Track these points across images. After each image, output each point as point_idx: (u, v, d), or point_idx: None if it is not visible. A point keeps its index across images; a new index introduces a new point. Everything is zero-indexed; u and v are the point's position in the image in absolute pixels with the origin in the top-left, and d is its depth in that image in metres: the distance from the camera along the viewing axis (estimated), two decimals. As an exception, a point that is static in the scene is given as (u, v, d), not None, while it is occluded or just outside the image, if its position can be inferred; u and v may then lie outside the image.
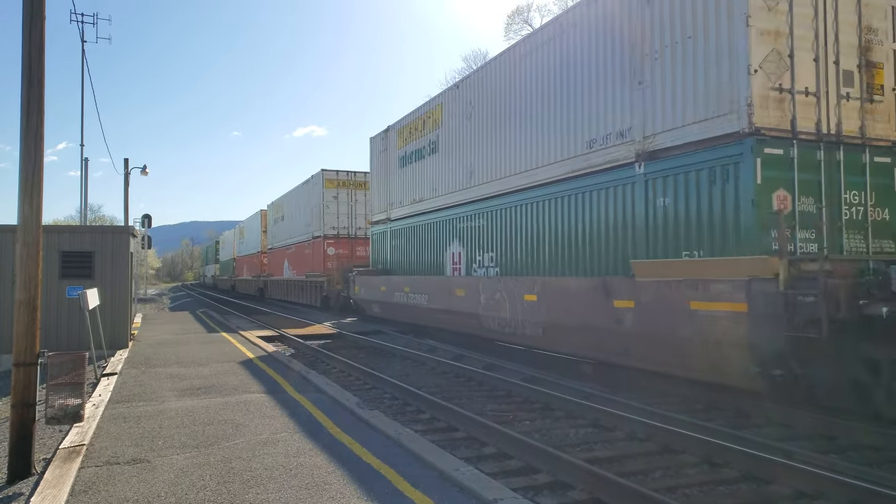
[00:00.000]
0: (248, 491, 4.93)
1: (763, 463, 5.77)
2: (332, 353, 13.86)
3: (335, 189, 27.63)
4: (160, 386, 9.45)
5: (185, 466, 5.55)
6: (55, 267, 13.14)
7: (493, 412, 8.49)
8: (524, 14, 47.73)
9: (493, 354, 13.35)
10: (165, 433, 6.70)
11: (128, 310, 14.39)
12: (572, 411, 8.29)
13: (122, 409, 7.92)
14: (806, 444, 6.76)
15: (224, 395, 8.71)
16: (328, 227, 27.31)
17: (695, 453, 6.37)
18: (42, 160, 5.80)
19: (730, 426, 7.35)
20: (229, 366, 11.39)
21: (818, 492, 5.27)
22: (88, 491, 4.98)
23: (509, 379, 10.30)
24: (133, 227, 21.97)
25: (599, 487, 5.32)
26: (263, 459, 5.72)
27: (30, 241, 5.68)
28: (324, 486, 5.02)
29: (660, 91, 9.06)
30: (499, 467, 6.11)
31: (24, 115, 5.74)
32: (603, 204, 10.29)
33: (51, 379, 6.29)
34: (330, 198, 27.53)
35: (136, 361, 12.01)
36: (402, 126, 19.19)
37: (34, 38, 5.76)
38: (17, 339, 5.62)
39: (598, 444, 6.98)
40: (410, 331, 17.87)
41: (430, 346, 15.14)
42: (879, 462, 6.22)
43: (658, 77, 9.10)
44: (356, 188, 27.91)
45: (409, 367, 12.74)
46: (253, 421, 7.17)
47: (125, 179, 28.50)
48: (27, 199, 5.69)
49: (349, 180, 27.92)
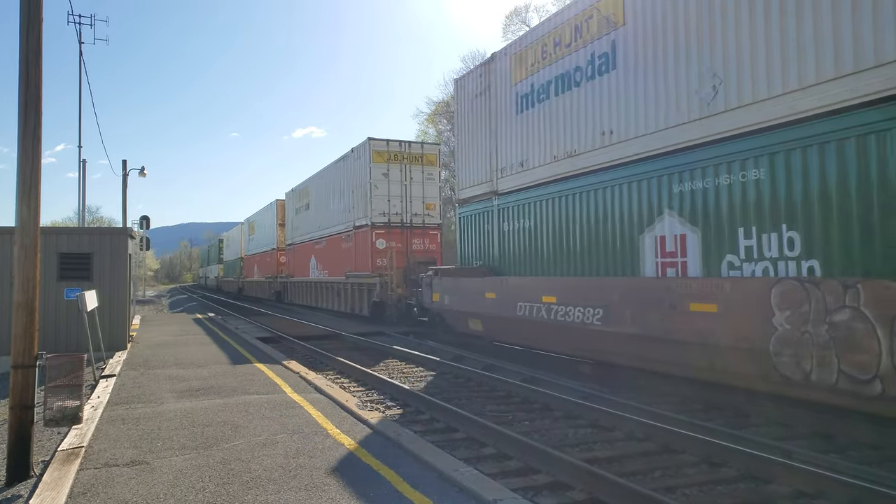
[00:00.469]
0: (248, 492, 4.92)
1: (762, 462, 5.77)
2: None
3: (385, 164, 21.46)
4: (159, 387, 9.44)
5: (184, 468, 5.54)
6: (53, 269, 13.14)
7: (492, 413, 8.49)
8: (522, 15, 47.80)
9: (492, 355, 13.35)
10: (164, 435, 6.69)
11: (126, 311, 14.37)
12: (571, 411, 8.29)
13: (120, 410, 7.91)
14: (805, 443, 6.76)
15: (223, 396, 8.70)
16: (376, 214, 21.26)
17: (694, 453, 6.37)
18: (40, 162, 5.80)
19: (729, 426, 7.36)
20: (228, 367, 11.38)
21: (818, 491, 5.28)
22: (87, 493, 4.97)
23: (508, 380, 10.29)
24: (131, 228, 21.95)
25: (599, 487, 5.32)
26: (262, 461, 5.71)
27: (28, 242, 5.68)
28: (323, 487, 5.02)
29: None
30: (498, 468, 6.10)
31: (22, 116, 5.74)
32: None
33: (49, 381, 6.28)
34: (379, 176, 21.40)
35: (134, 363, 12.00)
36: (527, 46, 12.67)
37: (31, 42, 5.76)
38: (15, 341, 5.61)
39: (597, 445, 6.97)
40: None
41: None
42: (879, 461, 6.23)
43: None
44: (411, 162, 21.81)
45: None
46: (252, 422, 7.16)
47: (123, 181, 28.49)
48: (25, 201, 5.69)
49: (402, 152, 21.76)
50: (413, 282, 18.30)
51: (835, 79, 6.97)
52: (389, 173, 21.47)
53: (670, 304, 8.33)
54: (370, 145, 21.46)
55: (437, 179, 22.49)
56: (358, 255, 22.27)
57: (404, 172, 21.72)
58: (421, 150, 22.25)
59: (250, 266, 44.55)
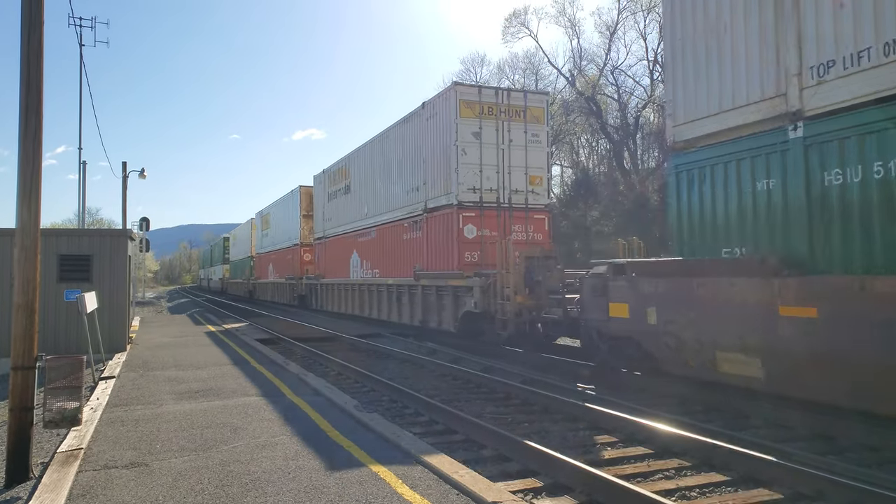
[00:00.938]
0: (247, 494, 4.92)
1: (762, 464, 5.77)
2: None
3: (476, 120, 15.62)
4: (158, 389, 9.44)
5: (183, 470, 5.54)
6: (53, 270, 13.14)
7: (491, 415, 8.49)
8: (521, 17, 47.83)
9: (492, 357, 13.34)
10: (163, 437, 6.69)
11: (126, 313, 14.37)
12: (571, 413, 8.28)
13: (119, 412, 7.91)
14: (804, 444, 6.76)
15: (222, 398, 8.70)
16: (464, 190, 15.52)
17: (694, 455, 6.37)
18: (40, 164, 5.81)
19: (729, 427, 7.36)
20: (227, 368, 11.38)
21: (817, 492, 5.28)
22: (86, 495, 4.97)
23: (508, 381, 10.29)
24: (131, 230, 21.95)
25: (598, 489, 5.33)
26: (262, 463, 5.71)
27: (28, 244, 5.68)
28: (322, 489, 5.02)
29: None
30: (498, 469, 6.11)
31: (23, 118, 5.74)
32: None
33: (49, 382, 6.28)
34: (468, 136, 15.54)
35: (134, 365, 12.00)
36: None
37: (32, 44, 5.77)
38: (14, 343, 5.61)
39: (596, 446, 6.98)
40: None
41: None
42: (878, 463, 6.23)
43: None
44: (513, 118, 16.01)
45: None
46: (251, 424, 7.16)
47: (123, 183, 28.52)
48: (25, 203, 5.69)
49: (499, 104, 15.96)
50: (537, 285, 12.60)
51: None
52: (482, 132, 15.57)
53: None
54: (456, 93, 15.62)
55: (544, 143, 16.64)
56: (433, 247, 16.75)
57: (502, 132, 15.83)
58: (523, 102, 16.26)
59: (263, 265, 39.98)
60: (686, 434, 6.70)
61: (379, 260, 20.46)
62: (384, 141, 20.46)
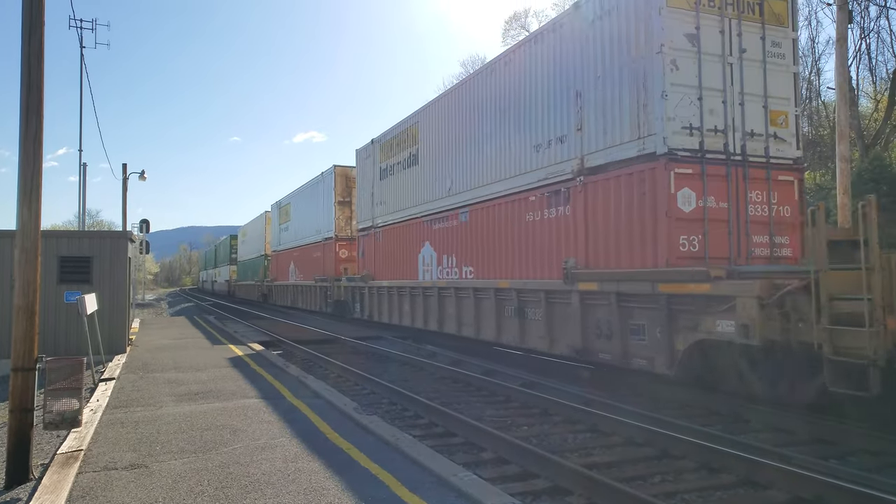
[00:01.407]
0: (246, 496, 4.92)
1: (761, 468, 5.76)
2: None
3: (691, 13, 9.28)
4: (158, 391, 9.44)
5: (183, 472, 5.54)
6: (53, 272, 13.13)
7: (491, 417, 8.48)
8: (521, 20, 47.91)
9: (492, 359, 13.33)
10: (163, 438, 6.68)
11: (126, 315, 14.37)
12: (570, 416, 8.28)
13: (119, 414, 7.90)
14: (805, 448, 6.75)
15: (222, 400, 8.70)
16: (676, 131, 9.08)
17: (693, 458, 6.36)
18: (41, 165, 5.81)
19: (728, 431, 7.36)
20: (227, 370, 11.37)
21: (817, 496, 5.27)
22: (86, 496, 4.97)
23: (507, 384, 10.28)
24: (131, 231, 21.97)
25: (597, 493, 5.32)
26: (261, 465, 5.71)
27: (28, 246, 5.69)
28: (322, 491, 5.02)
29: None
30: (497, 472, 6.10)
31: (24, 120, 5.75)
32: None
33: (49, 384, 6.28)
34: (681, 40, 9.21)
35: (134, 366, 11.99)
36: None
37: (33, 45, 5.78)
38: (15, 345, 5.61)
39: (596, 450, 6.97)
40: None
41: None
42: (879, 467, 6.22)
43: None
44: (744, 13, 9.68)
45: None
46: (251, 426, 7.16)
47: (123, 185, 28.55)
48: (26, 204, 5.70)
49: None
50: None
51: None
52: (701, 35, 9.37)
53: None
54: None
55: (789, 58, 10.15)
56: (600, 230, 10.32)
57: (728, 36, 9.65)
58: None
59: (282, 265, 33.46)
60: (686, 438, 6.69)
61: (474, 254, 14.30)
62: (488, 77, 13.91)
